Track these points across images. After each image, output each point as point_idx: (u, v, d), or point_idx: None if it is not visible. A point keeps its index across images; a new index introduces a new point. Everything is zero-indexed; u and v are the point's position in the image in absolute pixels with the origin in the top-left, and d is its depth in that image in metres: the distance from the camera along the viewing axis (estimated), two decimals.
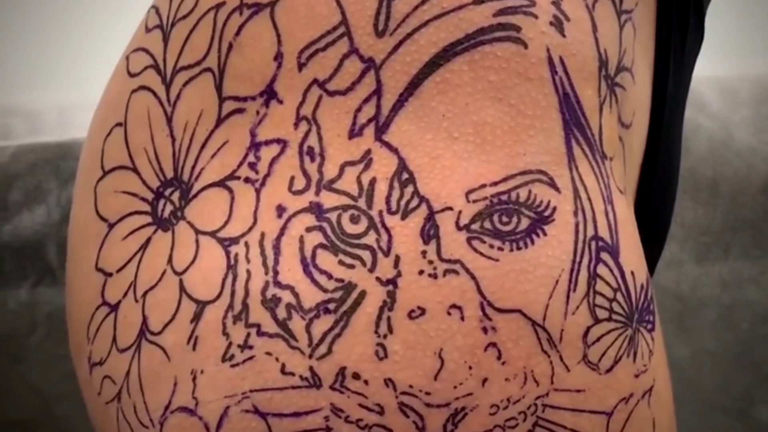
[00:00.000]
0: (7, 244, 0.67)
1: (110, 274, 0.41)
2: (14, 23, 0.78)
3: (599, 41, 0.39)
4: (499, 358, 0.36)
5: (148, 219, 0.40)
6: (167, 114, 0.40)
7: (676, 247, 0.69)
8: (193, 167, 0.39)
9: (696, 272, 0.70)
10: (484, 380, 0.36)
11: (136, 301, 0.40)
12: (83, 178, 0.44)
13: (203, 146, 0.39)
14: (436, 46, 0.36)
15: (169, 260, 0.39)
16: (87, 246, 0.43)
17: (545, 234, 0.37)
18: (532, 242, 0.36)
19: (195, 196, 0.39)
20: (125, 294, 0.40)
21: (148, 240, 0.40)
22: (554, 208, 0.37)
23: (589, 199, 0.38)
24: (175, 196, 0.40)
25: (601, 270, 0.38)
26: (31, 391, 0.74)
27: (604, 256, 0.38)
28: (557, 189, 0.37)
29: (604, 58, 0.39)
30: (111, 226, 0.42)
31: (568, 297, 0.37)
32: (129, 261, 0.41)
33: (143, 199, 0.41)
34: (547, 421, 0.37)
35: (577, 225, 0.37)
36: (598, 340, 0.37)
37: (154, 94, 0.41)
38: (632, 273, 0.39)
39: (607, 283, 0.38)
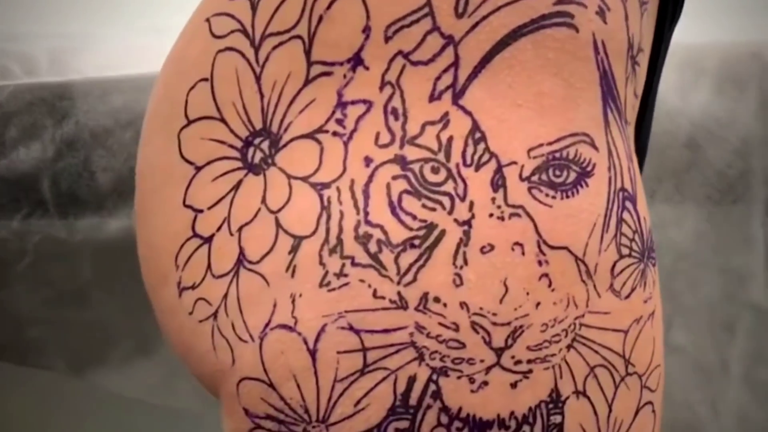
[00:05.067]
0: (3, 178, 0.71)
1: (201, 211, 0.47)
2: None
3: (629, 28, 0.46)
4: (549, 285, 0.43)
5: (238, 164, 0.46)
6: (256, 73, 0.46)
7: None
8: (282, 121, 0.45)
9: None
10: (538, 304, 0.43)
11: (231, 234, 0.46)
12: (161, 125, 0.49)
13: (291, 103, 0.45)
14: (506, 28, 0.42)
15: (263, 200, 0.45)
16: (172, 185, 0.48)
17: (587, 186, 0.44)
18: (578, 192, 0.44)
19: (284, 146, 0.45)
20: (219, 228, 0.46)
21: (239, 182, 0.46)
22: (594, 164, 0.44)
23: (618, 157, 0.46)
24: (265, 145, 0.46)
25: (625, 215, 0.46)
26: (6, 315, 0.78)
27: (628, 204, 0.46)
28: (596, 148, 0.44)
29: (631, 42, 0.47)
30: (198, 168, 0.47)
31: (602, 237, 0.44)
32: (221, 200, 0.47)
33: (231, 146, 0.47)
34: (582, 337, 0.44)
35: (610, 178, 0.45)
36: (621, 272, 0.45)
37: (242, 55, 0.46)
38: (644, 218, 0.47)
39: (629, 227, 0.46)
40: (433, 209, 0.43)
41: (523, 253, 0.43)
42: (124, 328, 0.78)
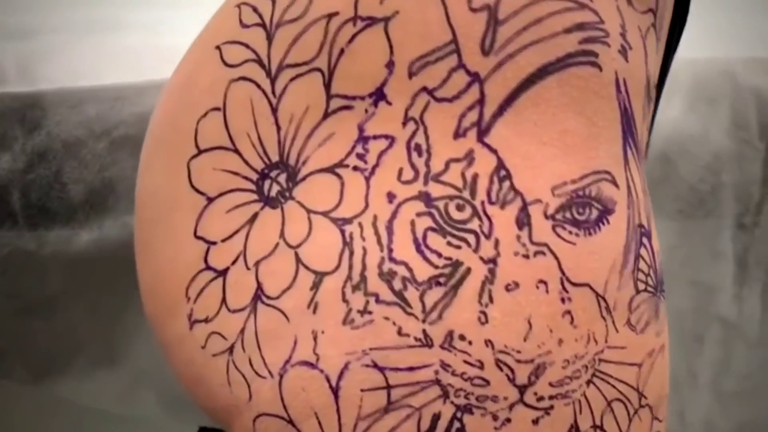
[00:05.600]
0: None
1: (214, 243, 0.46)
2: None
3: (648, 65, 0.47)
4: (571, 322, 0.43)
5: (254, 196, 0.46)
6: (272, 105, 0.45)
7: None
8: (300, 154, 0.45)
9: None
10: (560, 341, 0.43)
11: (248, 268, 0.45)
12: (167, 153, 0.48)
13: (310, 136, 0.44)
14: (532, 66, 0.42)
15: (281, 234, 0.45)
16: (181, 215, 0.47)
17: (608, 223, 0.44)
18: (599, 229, 0.44)
19: (303, 179, 0.45)
20: (234, 261, 0.46)
21: (255, 215, 0.46)
22: (615, 202, 0.44)
23: (636, 193, 0.46)
24: (282, 178, 0.45)
25: (642, 251, 0.46)
26: None
27: (644, 240, 0.46)
28: (617, 186, 0.45)
29: (649, 79, 0.47)
30: (210, 199, 0.47)
31: (621, 273, 0.45)
32: (236, 233, 0.46)
33: (246, 178, 0.46)
34: (600, 372, 0.44)
35: (629, 215, 0.45)
36: (637, 307, 0.46)
37: (258, 85, 0.46)
38: (657, 252, 0.48)
39: (645, 262, 0.46)
40: (459, 247, 0.43)
41: (547, 291, 0.43)
42: (89, 338, 0.77)
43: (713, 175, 0.81)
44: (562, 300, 0.43)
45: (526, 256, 0.43)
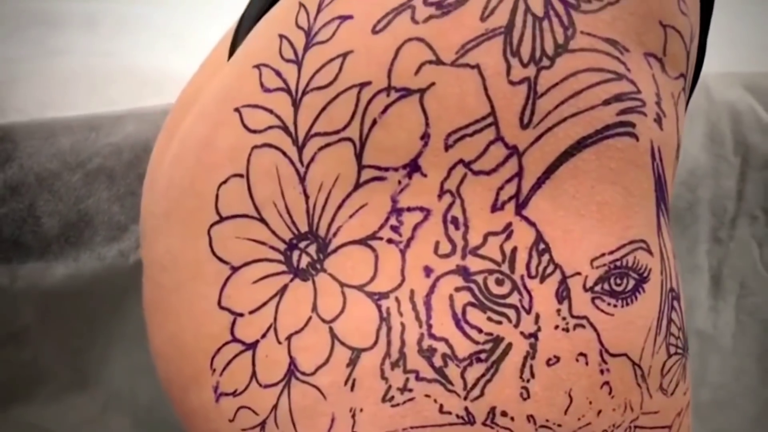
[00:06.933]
0: None
1: (241, 314, 0.45)
2: None
3: (679, 129, 0.46)
4: (609, 393, 0.43)
5: (282, 267, 0.44)
6: (299, 173, 0.44)
7: None
8: (330, 224, 0.44)
9: None
10: (599, 412, 0.43)
11: (279, 342, 0.44)
12: (183, 216, 0.46)
13: (340, 206, 0.43)
14: (571, 139, 0.42)
15: (314, 308, 0.44)
16: (203, 283, 0.46)
17: (644, 291, 0.44)
18: (636, 299, 0.44)
19: (334, 251, 0.44)
20: (264, 335, 0.45)
21: (285, 287, 0.44)
22: (650, 270, 0.44)
23: (668, 258, 0.46)
24: (312, 249, 0.44)
25: (673, 315, 0.46)
26: None
27: (675, 304, 0.46)
28: (651, 253, 0.44)
29: (679, 142, 0.47)
30: (234, 269, 0.45)
31: (655, 340, 0.45)
32: (264, 305, 0.45)
33: (273, 248, 0.45)
34: None
35: (662, 282, 0.45)
36: (669, 371, 0.46)
37: (284, 153, 0.44)
38: (684, 312, 0.48)
39: (676, 325, 0.46)
40: (499, 322, 0.42)
41: (587, 363, 0.43)
42: (60, 364, 0.75)
43: (690, 192, 0.82)
44: (601, 371, 0.43)
45: (566, 330, 0.42)
